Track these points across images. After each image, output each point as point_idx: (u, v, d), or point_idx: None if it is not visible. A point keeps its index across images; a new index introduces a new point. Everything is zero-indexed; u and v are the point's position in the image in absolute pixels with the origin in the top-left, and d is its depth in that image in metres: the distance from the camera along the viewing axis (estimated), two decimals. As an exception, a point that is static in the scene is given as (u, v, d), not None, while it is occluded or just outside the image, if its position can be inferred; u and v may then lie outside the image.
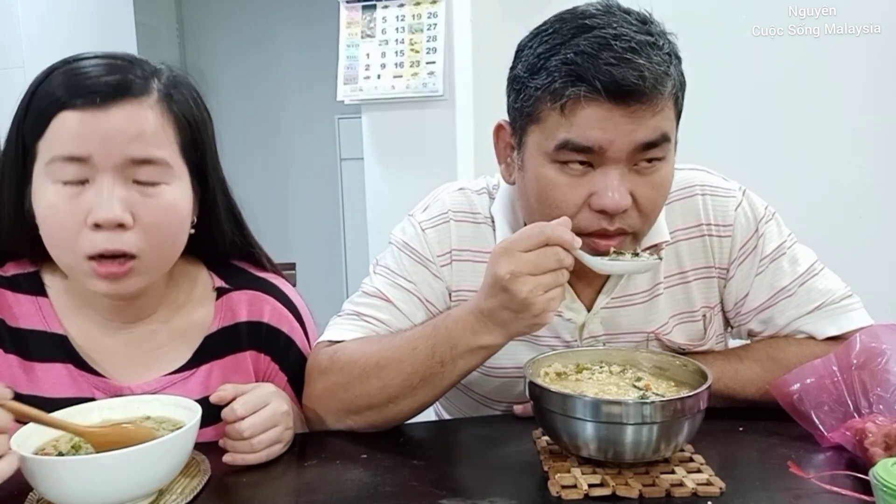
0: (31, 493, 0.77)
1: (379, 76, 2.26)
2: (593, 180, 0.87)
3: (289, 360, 1.02)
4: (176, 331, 0.98)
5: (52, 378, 0.92)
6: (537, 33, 0.90)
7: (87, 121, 0.82)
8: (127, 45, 3.03)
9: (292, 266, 1.37)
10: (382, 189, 2.34)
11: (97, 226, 0.82)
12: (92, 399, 0.90)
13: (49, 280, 0.96)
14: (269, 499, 0.78)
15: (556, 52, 0.85)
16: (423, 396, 0.90)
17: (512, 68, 0.94)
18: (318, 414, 0.97)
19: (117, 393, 0.93)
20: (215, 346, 0.98)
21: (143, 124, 0.85)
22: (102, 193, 0.82)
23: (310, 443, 0.95)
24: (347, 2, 2.31)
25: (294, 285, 1.34)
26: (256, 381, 1.00)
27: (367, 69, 2.29)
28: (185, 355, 0.97)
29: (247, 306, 1.00)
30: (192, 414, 0.78)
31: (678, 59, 0.88)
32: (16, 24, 2.53)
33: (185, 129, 0.90)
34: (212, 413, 0.86)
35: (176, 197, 0.88)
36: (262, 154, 4.48)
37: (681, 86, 0.89)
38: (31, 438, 0.75)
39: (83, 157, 0.82)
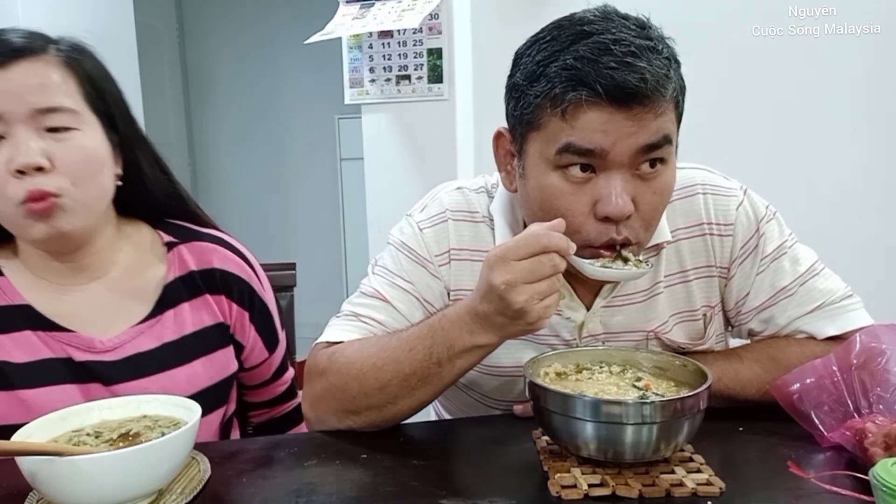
0: (31, 493, 0.77)
1: (387, 80, 2.27)
2: (596, 187, 0.86)
3: (253, 305, 1.09)
4: (133, 286, 1.03)
5: (23, 345, 0.95)
6: (535, 41, 0.90)
7: None
8: (127, 45, 3.03)
9: (292, 266, 1.38)
10: (382, 189, 2.34)
11: (20, 172, 0.88)
12: (68, 359, 0.95)
13: (2, 262, 1.00)
14: (269, 499, 0.78)
15: (556, 59, 0.84)
16: (422, 396, 0.90)
17: (510, 76, 0.93)
18: (318, 415, 0.97)
19: (89, 346, 0.97)
20: (177, 293, 1.04)
21: (44, 77, 0.91)
22: (19, 144, 0.88)
23: (310, 443, 0.95)
24: (347, 2, 2.31)
25: (294, 285, 1.38)
26: (226, 324, 1.07)
27: (371, 72, 2.29)
28: (148, 306, 1.02)
29: (195, 257, 1.06)
30: (191, 414, 0.78)
31: (678, 63, 0.88)
32: (16, 25, 2.53)
33: (88, 81, 0.95)
34: (185, 353, 1.00)
35: (88, 141, 0.94)
36: (263, 154, 4.48)
37: (681, 89, 0.88)
38: (31, 438, 0.75)
39: None
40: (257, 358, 1.13)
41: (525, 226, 0.97)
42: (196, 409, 0.79)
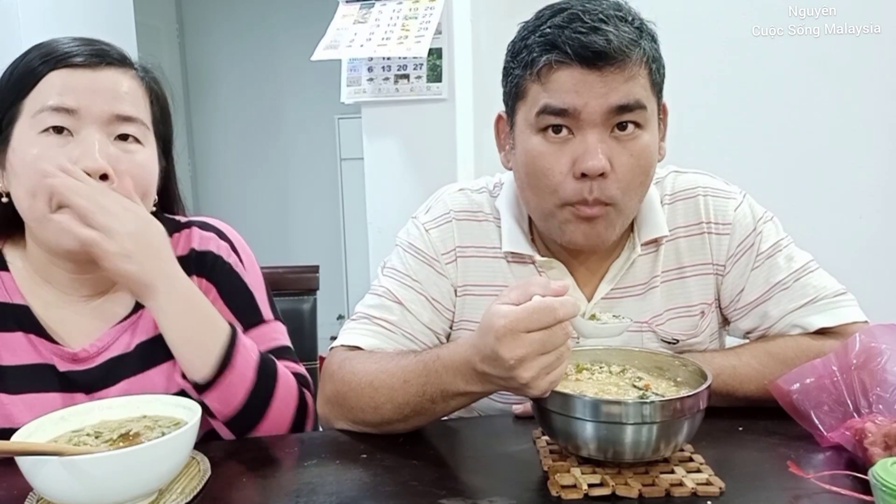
0: (31, 493, 0.77)
1: (385, 79, 2.26)
2: (574, 147, 0.91)
3: (224, 277, 1.03)
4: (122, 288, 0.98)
5: (13, 346, 0.93)
6: (522, 26, 0.97)
7: (76, 76, 0.89)
8: (127, 45, 3.01)
9: (315, 269, 1.40)
10: (382, 189, 2.33)
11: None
12: (52, 366, 0.93)
13: (10, 256, 0.98)
14: (269, 499, 0.78)
15: (534, 32, 0.93)
16: (416, 422, 0.91)
17: (504, 62, 1.00)
18: (325, 415, 0.99)
19: (74, 358, 0.95)
20: None
21: (126, 86, 0.93)
22: (88, 145, 0.88)
23: (310, 443, 0.95)
24: (347, 2, 2.31)
25: (317, 289, 1.38)
26: None
27: (369, 71, 2.29)
28: (129, 304, 0.99)
29: (179, 246, 1.03)
30: (192, 414, 0.78)
31: (651, 37, 0.94)
32: (16, 25, 2.53)
33: (157, 104, 0.99)
34: (159, 353, 0.94)
35: (151, 158, 0.96)
36: (262, 154, 4.48)
37: (654, 59, 0.93)
38: (31, 438, 0.75)
39: (71, 109, 0.88)
40: None
41: (529, 217, 1.03)
42: (196, 408, 0.79)
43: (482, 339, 0.76)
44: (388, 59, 2.27)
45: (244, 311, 1.04)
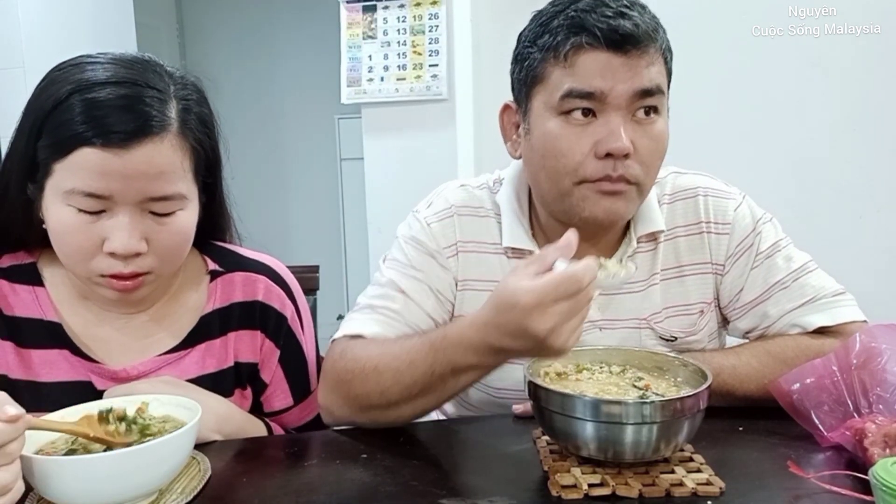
0: (31, 493, 0.77)
1: (382, 78, 2.27)
2: (596, 129, 0.93)
3: (281, 336, 1.04)
4: (170, 316, 1.00)
5: (49, 363, 0.94)
6: (536, 15, 0.98)
7: (109, 160, 0.82)
8: (127, 45, 3.03)
9: (316, 269, 1.40)
10: (382, 189, 2.34)
11: (112, 254, 0.86)
12: (89, 382, 0.94)
13: (46, 271, 0.98)
14: (269, 499, 0.78)
15: (557, 16, 0.94)
16: (424, 404, 0.91)
17: (514, 52, 1.01)
18: (327, 406, 0.98)
19: (113, 376, 0.95)
20: (210, 327, 1.01)
21: (164, 165, 0.86)
22: (120, 226, 0.85)
23: (310, 443, 0.95)
24: (348, 2, 2.31)
25: (317, 288, 1.38)
26: (258, 358, 1.03)
27: (370, 71, 2.29)
28: (177, 337, 0.99)
29: (241, 288, 1.03)
30: (192, 414, 0.78)
31: (663, 28, 0.96)
32: (16, 24, 2.53)
33: (200, 155, 0.93)
34: (212, 390, 0.96)
35: (188, 218, 0.92)
36: (263, 154, 4.48)
37: (668, 49, 0.96)
38: (31, 438, 0.75)
39: (104, 196, 0.84)
40: (280, 402, 1.06)
41: (530, 202, 1.05)
42: (196, 408, 0.79)
43: (504, 315, 0.76)
44: (387, 56, 2.27)
45: (299, 386, 1.07)
